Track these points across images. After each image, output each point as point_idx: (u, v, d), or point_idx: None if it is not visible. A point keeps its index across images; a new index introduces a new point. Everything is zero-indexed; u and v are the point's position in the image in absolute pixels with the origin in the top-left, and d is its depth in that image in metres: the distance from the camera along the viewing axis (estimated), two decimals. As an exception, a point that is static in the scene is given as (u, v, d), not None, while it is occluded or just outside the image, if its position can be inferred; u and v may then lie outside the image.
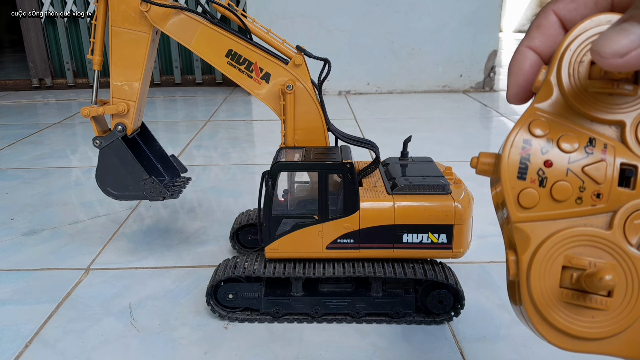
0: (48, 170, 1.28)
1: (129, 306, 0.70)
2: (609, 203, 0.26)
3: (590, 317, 0.26)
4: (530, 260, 0.27)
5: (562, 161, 0.26)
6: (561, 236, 0.26)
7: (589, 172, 0.26)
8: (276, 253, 0.65)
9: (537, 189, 0.27)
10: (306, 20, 2.07)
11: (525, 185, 0.27)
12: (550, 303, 0.26)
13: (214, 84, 2.48)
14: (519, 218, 0.27)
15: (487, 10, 2.09)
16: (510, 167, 0.27)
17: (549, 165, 0.26)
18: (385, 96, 2.14)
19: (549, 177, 0.26)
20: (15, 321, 0.67)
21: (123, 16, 0.68)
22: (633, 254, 0.26)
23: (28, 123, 1.80)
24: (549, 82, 0.27)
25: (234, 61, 0.69)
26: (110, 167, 0.74)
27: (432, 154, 0.96)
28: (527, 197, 0.27)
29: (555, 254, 0.26)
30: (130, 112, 0.72)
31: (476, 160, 0.29)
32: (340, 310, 0.66)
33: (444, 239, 0.63)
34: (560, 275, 0.26)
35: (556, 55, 0.27)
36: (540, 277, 0.26)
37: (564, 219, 0.27)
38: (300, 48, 0.68)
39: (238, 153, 1.39)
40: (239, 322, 0.66)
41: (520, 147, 0.27)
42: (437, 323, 0.65)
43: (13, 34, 4.12)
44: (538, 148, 0.27)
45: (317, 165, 0.62)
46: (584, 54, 0.27)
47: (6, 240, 0.90)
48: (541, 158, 0.27)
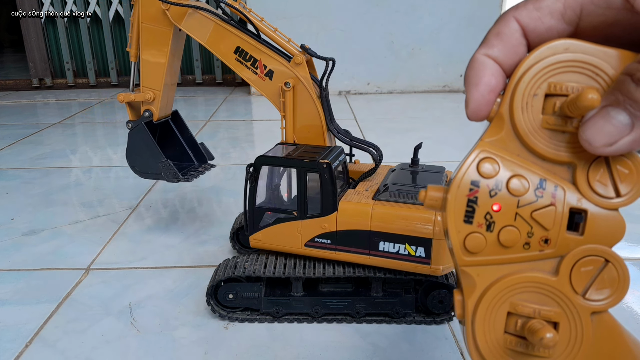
0: (48, 170, 1.28)
1: (129, 306, 0.70)
2: (557, 248, 0.25)
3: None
4: (476, 305, 0.26)
5: (510, 205, 0.25)
6: (507, 282, 0.26)
7: (537, 217, 0.25)
8: (259, 243, 0.68)
9: (484, 234, 0.26)
10: (306, 20, 2.07)
11: (471, 229, 0.26)
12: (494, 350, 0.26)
13: (214, 84, 2.48)
14: (465, 262, 0.26)
15: (487, 10, 2.09)
16: (457, 209, 0.26)
17: (498, 209, 0.25)
18: (385, 96, 2.14)
19: (497, 221, 0.25)
20: (15, 321, 0.67)
21: (150, 14, 0.76)
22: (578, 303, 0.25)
23: (28, 123, 1.80)
24: (501, 115, 0.26)
25: (241, 58, 0.72)
26: (136, 148, 0.83)
27: (432, 154, 0.96)
28: (473, 242, 0.26)
29: (500, 300, 0.26)
30: (156, 100, 0.81)
31: (424, 195, 0.27)
32: (341, 310, 0.65)
33: (421, 253, 0.60)
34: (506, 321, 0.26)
35: (509, 86, 0.26)
36: (485, 323, 0.26)
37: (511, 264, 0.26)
38: (304, 47, 0.70)
39: (238, 153, 1.39)
40: (239, 322, 0.66)
41: (467, 189, 0.26)
42: (437, 323, 0.65)
43: (13, 34, 4.12)
44: (486, 190, 0.25)
45: (296, 162, 0.63)
46: (539, 86, 0.25)
47: (6, 240, 0.90)
48: (489, 201, 0.25)
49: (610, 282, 0.25)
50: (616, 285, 0.25)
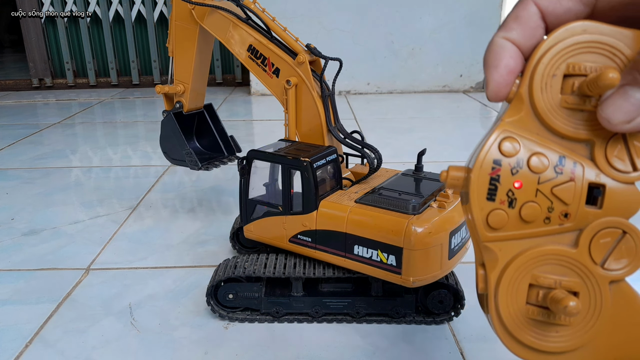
0: (48, 170, 1.28)
1: (129, 306, 0.70)
2: (576, 222, 0.26)
3: (554, 332, 0.27)
4: (499, 278, 0.27)
5: (531, 182, 0.26)
6: (528, 255, 0.27)
7: (557, 193, 0.26)
8: (251, 234, 0.71)
9: (506, 210, 0.27)
10: (306, 20, 2.07)
11: (494, 206, 0.27)
12: (517, 320, 0.27)
13: (214, 84, 2.48)
14: (488, 238, 0.27)
15: (487, 10, 2.09)
16: (479, 188, 0.27)
17: (519, 186, 0.26)
18: (385, 96, 2.14)
19: (519, 198, 0.26)
20: (15, 321, 0.67)
21: (180, 13, 0.84)
22: (597, 272, 0.26)
23: (28, 123, 1.80)
24: (521, 95, 0.27)
25: (253, 56, 0.76)
26: (166, 135, 0.91)
27: (432, 154, 0.96)
28: (496, 218, 0.27)
29: (522, 272, 0.27)
30: (186, 93, 0.89)
31: (445, 175, 0.28)
32: (341, 311, 0.66)
33: (392, 261, 0.59)
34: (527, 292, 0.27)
35: (529, 67, 0.26)
36: (508, 295, 0.27)
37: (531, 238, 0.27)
38: (310, 47, 0.72)
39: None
40: (239, 322, 0.66)
41: (490, 168, 0.26)
42: (437, 323, 0.65)
43: (13, 34, 4.12)
44: (508, 168, 0.26)
45: (281, 159, 0.64)
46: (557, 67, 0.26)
47: (6, 240, 0.90)
48: (511, 179, 0.26)
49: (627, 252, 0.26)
50: (633, 255, 0.26)
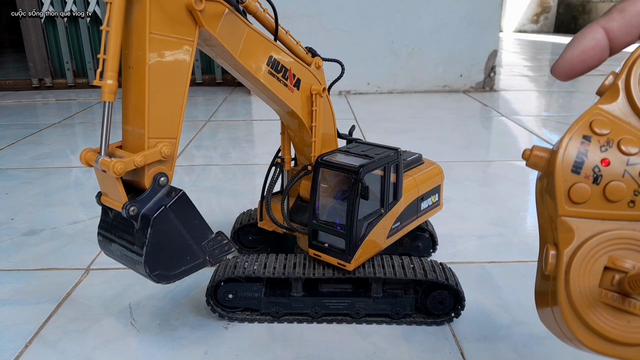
0: (48, 170, 1.28)
1: (129, 306, 0.70)
2: None
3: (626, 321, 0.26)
4: (572, 255, 0.26)
5: (620, 162, 0.26)
6: (607, 236, 0.26)
7: None
8: (358, 261, 0.63)
9: (590, 185, 0.26)
10: (306, 20, 2.07)
11: (578, 179, 0.26)
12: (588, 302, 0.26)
13: (214, 83, 2.48)
14: (567, 212, 0.26)
15: (487, 10, 2.09)
16: (565, 159, 0.26)
17: (606, 164, 0.26)
18: (385, 96, 2.14)
19: (605, 175, 0.26)
20: (15, 321, 0.67)
21: (165, 17, 0.47)
22: None
23: (28, 123, 1.80)
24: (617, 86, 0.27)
25: (273, 69, 0.59)
26: (166, 239, 0.52)
27: (432, 154, 0.96)
28: (578, 192, 0.26)
29: (599, 252, 0.26)
30: (173, 155, 0.52)
31: (529, 153, 0.28)
32: (340, 311, 0.66)
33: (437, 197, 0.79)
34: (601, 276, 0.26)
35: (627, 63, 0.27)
36: (581, 274, 0.26)
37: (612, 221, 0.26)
38: (310, 49, 0.66)
39: (238, 153, 1.39)
40: (239, 322, 0.66)
41: (579, 142, 0.26)
42: (437, 324, 0.65)
43: (13, 34, 4.12)
44: (597, 145, 0.26)
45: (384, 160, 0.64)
46: None
47: (6, 240, 0.90)
48: (599, 155, 0.26)
49: None
50: None
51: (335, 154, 0.65)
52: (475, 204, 1.03)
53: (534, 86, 2.38)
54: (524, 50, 3.79)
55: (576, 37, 0.29)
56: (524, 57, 3.43)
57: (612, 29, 0.28)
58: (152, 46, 0.47)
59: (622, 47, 0.28)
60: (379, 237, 0.66)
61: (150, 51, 0.47)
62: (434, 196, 0.77)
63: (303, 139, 0.68)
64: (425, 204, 0.75)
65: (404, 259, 0.67)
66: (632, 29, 0.28)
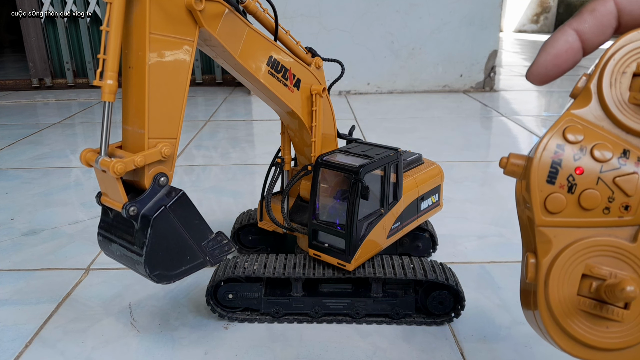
0: (48, 170, 1.28)
1: (129, 306, 0.70)
2: (637, 216, 0.26)
3: (604, 327, 0.26)
4: (551, 265, 0.27)
5: (593, 169, 0.26)
6: (584, 244, 0.26)
7: (619, 183, 0.26)
8: (358, 262, 0.63)
9: (565, 195, 0.26)
10: (306, 20, 2.07)
11: (553, 189, 0.26)
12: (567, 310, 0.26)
13: (214, 83, 2.48)
14: (544, 222, 0.27)
15: (487, 10, 2.09)
16: (540, 169, 0.27)
17: (580, 172, 0.26)
18: (385, 96, 2.14)
19: (579, 184, 0.26)
20: (15, 321, 0.67)
21: (164, 18, 0.47)
22: None
23: (28, 123, 1.80)
24: (589, 90, 0.27)
25: (273, 69, 0.60)
26: (166, 240, 0.52)
27: (432, 154, 0.96)
28: (554, 202, 0.26)
29: (576, 261, 0.26)
30: (173, 156, 0.52)
31: (506, 161, 0.28)
32: (340, 311, 0.65)
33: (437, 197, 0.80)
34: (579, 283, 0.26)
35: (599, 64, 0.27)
36: (559, 283, 0.26)
37: (589, 228, 0.27)
38: (310, 49, 0.66)
39: (238, 153, 1.39)
40: (238, 322, 0.66)
41: (552, 151, 0.26)
42: (437, 324, 0.65)
43: (13, 34, 4.12)
44: (571, 154, 0.26)
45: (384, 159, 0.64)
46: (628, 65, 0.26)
47: (6, 240, 0.90)
48: (573, 164, 0.26)
49: None
50: None
51: (335, 154, 0.65)
52: (475, 204, 1.03)
53: (534, 86, 2.38)
54: (524, 50, 3.79)
55: (548, 41, 0.28)
56: (524, 57, 3.43)
57: (584, 30, 0.28)
58: (152, 46, 0.47)
59: (595, 47, 0.28)
60: (379, 237, 0.66)
61: (150, 51, 0.47)
62: (434, 196, 0.77)
63: (303, 139, 0.68)
64: (425, 204, 0.75)
65: (404, 259, 0.67)
66: (604, 29, 0.27)
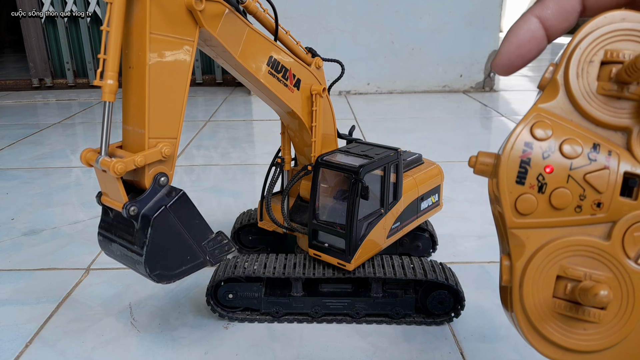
0: (48, 170, 1.28)
1: (129, 306, 0.70)
2: (610, 213, 0.25)
3: (582, 329, 0.26)
4: (524, 268, 0.26)
5: (563, 167, 0.25)
6: (557, 245, 0.26)
7: (590, 180, 0.25)
8: (358, 261, 0.63)
9: (536, 195, 0.26)
10: (306, 20, 2.07)
11: (523, 190, 0.26)
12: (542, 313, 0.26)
13: (214, 83, 2.48)
14: (515, 224, 0.26)
15: (487, 10, 2.09)
16: (509, 170, 0.26)
17: (550, 170, 0.25)
18: (385, 96, 2.14)
19: (549, 183, 0.25)
20: (15, 321, 0.67)
21: (162, 20, 0.47)
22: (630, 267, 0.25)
23: (28, 123, 1.80)
24: (555, 81, 0.26)
25: (273, 69, 0.60)
26: (166, 239, 0.52)
27: (432, 154, 0.96)
28: (524, 203, 0.26)
29: (550, 263, 0.26)
30: (173, 155, 0.52)
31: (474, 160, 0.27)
32: (340, 311, 0.66)
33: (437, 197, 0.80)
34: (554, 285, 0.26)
35: (565, 53, 0.26)
36: (534, 286, 0.26)
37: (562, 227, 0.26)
38: (311, 50, 0.66)
39: (238, 153, 1.39)
40: (238, 322, 0.66)
41: (520, 150, 0.26)
42: (437, 324, 0.65)
43: (13, 34, 4.12)
44: (539, 152, 0.25)
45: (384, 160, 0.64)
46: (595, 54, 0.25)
47: (6, 240, 0.90)
48: (542, 163, 0.25)
49: None
50: None
51: (335, 154, 0.65)
52: (475, 204, 1.03)
53: (534, 86, 2.38)
54: (524, 50, 3.79)
55: (511, 30, 0.27)
56: (524, 57, 3.42)
57: (547, 17, 0.26)
58: (152, 46, 0.47)
59: (560, 34, 0.27)
60: (379, 237, 0.66)
61: (151, 51, 0.47)
62: (434, 196, 0.77)
63: (303, 139, 0.68)
64: (425, 204, 0.75)
65: (404, 258, 0.67)
66: (568, 15, 0.26)
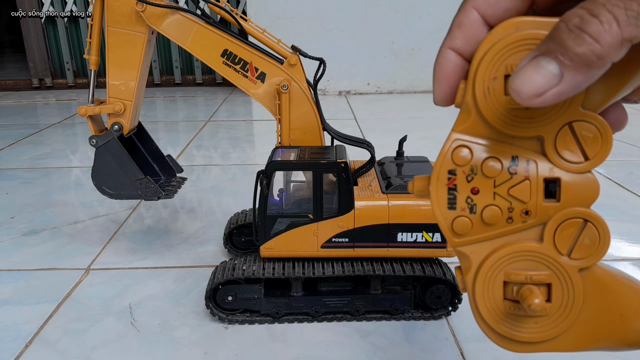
0: (48, 170, 1.28)
1: (129, 306, 0.70)
2: (538, 217, 0.27)
3: (533, 323, 0.28)
4: (474, 279, 0.28)
5: (488, 187, 0.27)
6: (498, 255, 0.28)
7: (514, 193, 0.27)
8: (271, 252, 0.66)
9: (469, 216, 0.27)
10: (306, 20, 2.07)
11: (456, 214, 0.28)
12: (496, 316, 0.28)
13: (214, 84, 2.48)
14: (457, 243, 0.28)
15: (487, 10, 2.09)
16: (439, 199, 0.28)
17: (476, 192, 0.27)
18: (385, 96, 2.14)
19: (478, 203, 0.27)
20: (15, 321, 0.67)
21: (119, 16, 0.69)
22: (564, 263, 0.27)
23: (28, 123, 1.80)
24: (467, 103, 0.27)
25: (229, 61, 0.69)
26: (106, 166, 0.75)
27: (432, 154, 0.96)
28: (460, 225, 0.28)
29: (495, 272, 0.28)
30: (127, 112, 0.74)
31: (412, 185, 0.29)
32: (340, 309, 0.66)
33: (438, 238, 0.64)
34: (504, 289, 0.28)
35: (470, 75, 0.26)
36: (484, 294, 0.28)
37: (499, 237, 0.28)
38: (295, 48, 0.68)
39: (238, 153, 1.39)
40: (238, 323, 0.66)
41: (446, 179, 0.27)
42: (435, 318, 0.65)
43: (13, 34, 4.12)
44: (463, 177, 0.27)
45: (312, 164, 0.63)
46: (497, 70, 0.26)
47: (6, 240, 0.90)
48: (467, 186, 0.27)
49: (591, 240, 0.27)
50: (596, 242, 0.27)
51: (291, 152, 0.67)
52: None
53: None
54: (524, 50, 3.79)
55: (435, 68, 0.28)
56: (524, 57, 3.43)
57: (459, 46, 0.27)
58: (109, 35, 0.70)
59: None
60: (307, 241, 0.65)
61: (109, 37, 0.70)
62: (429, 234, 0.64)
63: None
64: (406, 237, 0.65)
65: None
66: (477, 37, 0.27)
